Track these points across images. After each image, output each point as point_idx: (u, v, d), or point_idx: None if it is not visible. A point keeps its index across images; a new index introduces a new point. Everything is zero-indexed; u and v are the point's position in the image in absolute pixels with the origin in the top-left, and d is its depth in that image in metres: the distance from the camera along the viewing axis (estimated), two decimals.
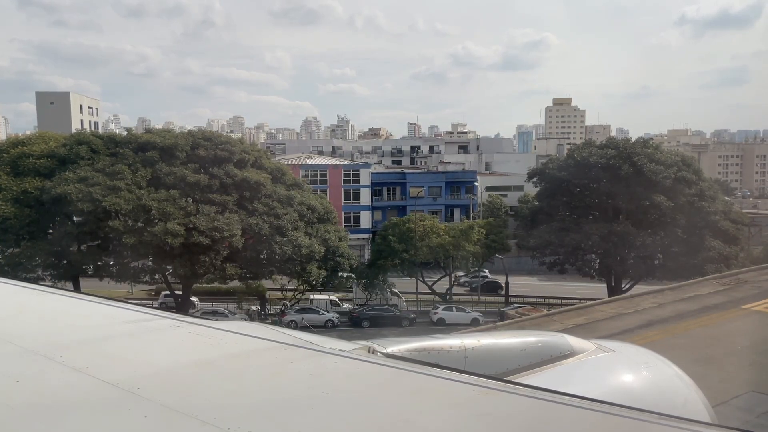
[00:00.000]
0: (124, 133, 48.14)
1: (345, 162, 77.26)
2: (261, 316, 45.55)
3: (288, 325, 37.15)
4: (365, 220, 67.43)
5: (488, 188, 74.93)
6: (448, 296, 51.36)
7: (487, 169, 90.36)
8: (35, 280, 32.00)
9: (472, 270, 53.73)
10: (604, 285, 46.43)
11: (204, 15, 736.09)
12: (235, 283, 44.98)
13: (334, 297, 49.56)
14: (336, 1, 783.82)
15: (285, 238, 38.96)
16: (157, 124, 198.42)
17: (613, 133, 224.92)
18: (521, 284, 55.98)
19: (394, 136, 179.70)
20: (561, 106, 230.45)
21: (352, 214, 66.63)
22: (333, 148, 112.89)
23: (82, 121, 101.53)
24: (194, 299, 47.15)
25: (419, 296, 51.31)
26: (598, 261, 46.07)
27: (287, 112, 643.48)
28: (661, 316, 16.32)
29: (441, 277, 52.52)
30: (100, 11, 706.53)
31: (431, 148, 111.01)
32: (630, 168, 42.28)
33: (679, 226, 42.03)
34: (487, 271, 57.93)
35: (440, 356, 2.41)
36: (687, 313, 16.63)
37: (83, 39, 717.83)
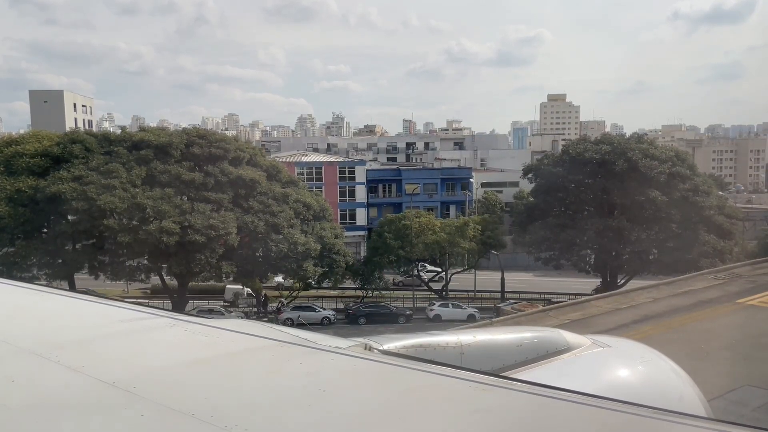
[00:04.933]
0: (119, 131, 48.05)
1: (340, 159, 77.16)
2: (258, 314, 45.52)
3: (284, 323, 37.15)
4: (361, 217, 67.37)
5: (483, 185, 74.95)
6: (444, 293, 51.43)
7: (482, 165, 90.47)
8: (30, 280, 31.91)
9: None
10: (600, 280, 46.54)
11: (197, 12, 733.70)
12: (231, 281, 44.93)
13: None
14: None
15: (281, 236, 38.94)
16: (152, 122, 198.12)
17: (607, 129, 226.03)
18: (517, 280, 56.04)
19: (389, 133, 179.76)
20: (555, 102, 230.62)
21: (347, 212, 66.56)
22: (328, 145, 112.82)
23: (75, 119, 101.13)
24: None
25: (415, 293, 51.35)
26: (594, 256, 46.20)
27: (282, 109, 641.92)
28: (656, 311, 16.38)
29: (437, 274, 52.56)
30: (93, 9, 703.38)
31: (426, 144, 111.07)
32: (625, 163, 42.36)
33: (673, 221, 42.13)
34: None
35: (436, 353, 2.41)
36: (682, 308, 16.70)
37: (76, 37, 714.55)
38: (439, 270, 52.35)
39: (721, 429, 1.67)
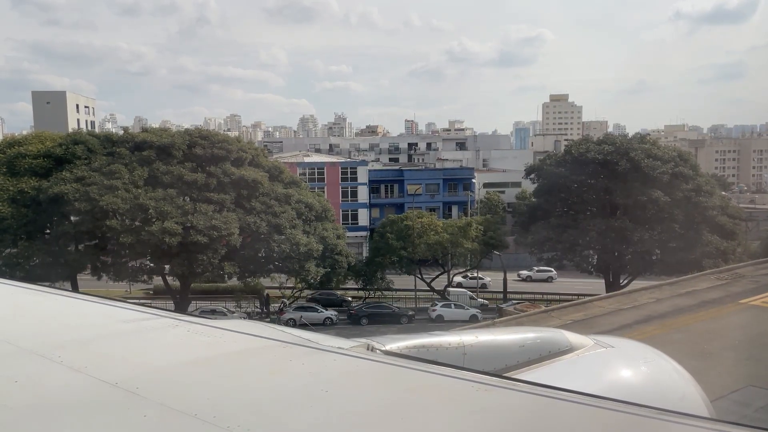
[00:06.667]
0: (121, 132, 48.09)
1: (342, 160, 77.26)
2: (261, 315, 45.59)
3: (287, 323, 37.17)
4: (363, 217, 67.43)
5: (486, 185, 75.01)
6: (446, 293, 51.40)
7: (484, 165, 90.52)
8: (33, 280, 31.90)
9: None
10: (602, 281, 46.49)
11: (198, 12, 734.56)
12: (233, 282, 44.97)
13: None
14: None
15: (283, 237, 38.96)
16: (154, 123, 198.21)
17: (610, 129, 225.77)
18: (519, 281, 56.10)
19: (391, 133, 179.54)
20: (558, 102, 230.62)
21: (350, 212, 66.64)
22: (330, 145, 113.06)
23: (78, 120, 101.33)
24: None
25: (417, 293, 51.40)
26: (596, 257, 46.13)
27: (284, 110, 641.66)
28: (659, 312, 16.36)
29: (439, 274, 52.57)
30: (95, 9, 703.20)
31: (428, 145, 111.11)
32: (627, 164, 42.32)
33: (676, 222, 42.06)
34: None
35: (439, 353, 2.41)
36: (685, 308, 16.68)
37: (78, 37, 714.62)
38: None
39: (724, 429, 1.67)
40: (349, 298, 50.41)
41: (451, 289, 50.71)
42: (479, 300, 49.08)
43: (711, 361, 11.99)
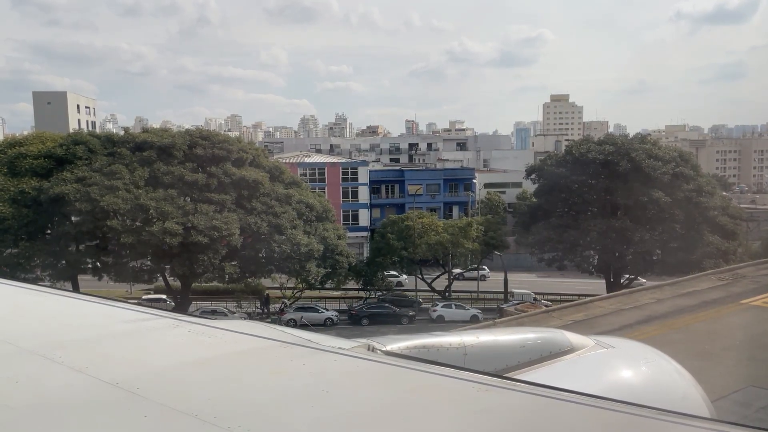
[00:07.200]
0: (122, 132, 48.11)
1: (343, 160, 77.31)
2: (261, 315, 45.60)
3: (287, 324, 37.17)
4: (364, 218, 67.44)
5: (486, 185, 75.03)
6: (447, 293, 51.42)
7: (485, 166, 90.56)
8: (34, 281, 31.98)
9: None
10: (603, 281, 46.50)
11: (199, 13, 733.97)
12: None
13: None
14: None
15: (284, 237, 38.96)
16: (155, 123, 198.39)
17: (610, 129, 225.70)
18: (520, 281, 56.02)
19: (392, 133, 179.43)
20: (559, 102, 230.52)
21: (350, 212, 66.65)
22: (331, 146, 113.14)
23: (79, 120, 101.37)
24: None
25: (418, 293, 51.40)
26: (597, 257, 46.14)
27: (284, 110, 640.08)
28: (660, 312, 16.37)
29: (440, 275, 52.58)
30: (95, 10, 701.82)
31: (429, 145, 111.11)
32: (628, 164, 42.32)
33: (677, 222, 42.07)
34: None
35: (440, 353, 2.41)
36: (686, 309, 16.69)
37: (79, 38, 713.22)
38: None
39: (724, 430, 1.67)
40: (420, 300, 50.04)
41: (516, 290, 50.16)
42: (543, 301, 47.97)
43: (712, 362, 11.99)
